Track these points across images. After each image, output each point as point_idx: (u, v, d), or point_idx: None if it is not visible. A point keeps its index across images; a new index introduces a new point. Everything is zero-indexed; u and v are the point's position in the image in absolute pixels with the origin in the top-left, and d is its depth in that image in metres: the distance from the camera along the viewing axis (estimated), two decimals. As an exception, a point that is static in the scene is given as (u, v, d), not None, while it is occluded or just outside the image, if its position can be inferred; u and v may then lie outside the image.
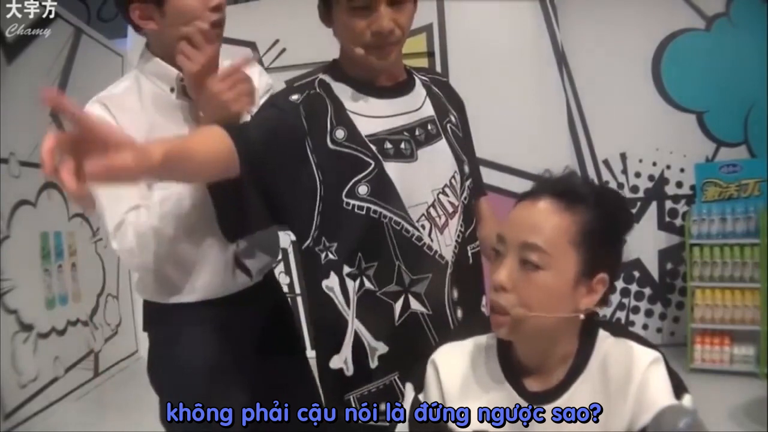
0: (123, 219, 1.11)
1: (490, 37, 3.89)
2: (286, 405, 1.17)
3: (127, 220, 1.10)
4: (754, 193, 3.64)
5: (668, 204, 4.08)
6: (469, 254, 1.18)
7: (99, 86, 1.27)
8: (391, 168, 1.08)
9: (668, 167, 4.05)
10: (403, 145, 1.10)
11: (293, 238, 1.13)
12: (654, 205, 4.09)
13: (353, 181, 1.07)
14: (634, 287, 4.15)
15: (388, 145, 1.09)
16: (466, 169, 1.20)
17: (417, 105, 1.17)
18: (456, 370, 0.92)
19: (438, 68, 4.00)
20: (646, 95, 4.04)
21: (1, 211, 3.10)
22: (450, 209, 1.14)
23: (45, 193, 3.50)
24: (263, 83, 1.29)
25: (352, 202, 1.07)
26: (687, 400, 0.84)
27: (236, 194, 1.03)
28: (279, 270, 4.31)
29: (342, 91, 1.12)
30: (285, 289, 4.34)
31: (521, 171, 3.79)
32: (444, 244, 1.12)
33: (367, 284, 1.08)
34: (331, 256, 1.08)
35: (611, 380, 0.85)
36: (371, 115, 1.11)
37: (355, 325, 1.10)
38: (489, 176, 3.84)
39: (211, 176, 0.99)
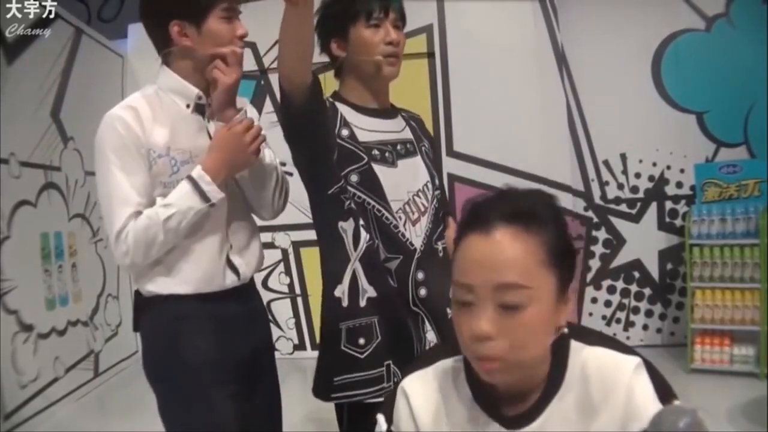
0: (125, 224, 1.25)
1: (490, 37, 3.90)
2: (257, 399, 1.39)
3: (128, 226, 1.25)
4: (753, 193, 3.64)
5: (668, 204, 4.08)
6: (439, 248, 1.45)
7: (99, 86, 1.32)
8: (377, 169, 1.37)
9: (668, 168, 4.05)
10: (387, 154, 1.40)
11: (293, 238, 1.29)
12: (654, 206, 4.09)
13: (348, 169, 1.34)
14: (634, 288, 4.15)
15: (376, 152, 1.38)
16: (437, 182, 1.48)
17: (399, 128, 1.47)
18: (428, 398, 0.88)
19: (438, 68, 4.01)
20: (646, 95, 4.04)
21: (1, 211, 3.10)
22: (422, 209, 1.42)
23: (45, 194, 3.50)
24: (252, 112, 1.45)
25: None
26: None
27: None
28: (279, 270, 4.32)
29: (344, 109, 1.40)
30: (285, 289, 4.36)
31: (521, 171, 3.79)
32: (415, 234, 1.40)
33: None
34: (353, 205, 1.35)
35: (594, 392, 0.82)
36: (365, 128, 1.39)
37: (354, 265, 1.35)
38: (489, 177, 3.86)
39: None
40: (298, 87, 1.25)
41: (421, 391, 0.89)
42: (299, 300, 4.38)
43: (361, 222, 1.35)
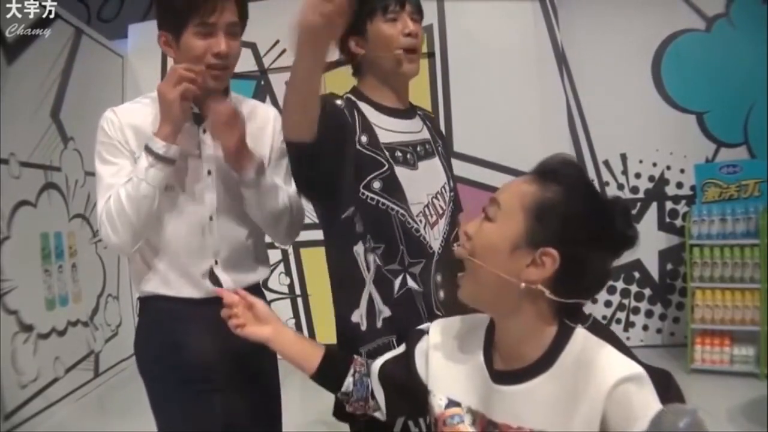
0: (102, 209, 1.30)
1: (490, 37, 3.90)
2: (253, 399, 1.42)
3: (103, 209, 1.30)
4: (754, 193, 3.64)
5: (668, 205, 4.08)
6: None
7: (99, 86, 1.32)
8: (399, 172, 1.34)
9: (668, 168, 4.05)
10: (408, 156, 1.38)
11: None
12: (654, 206, 4.09)
13: (370, 177, 1.31)
14: (634, 288, 4.15)
15: (398, 154, 1.36)
16: (452, 183, 1.47)
17: (418, 128, 1.45)
18: (445, 336, 1.03)
19: (438, 68, 4.01)
20: (646, 95, 4.04)
21: (1, 212, 3.10)
22: (440, 211, 1.41)
23: (45, 194, 3.51)
24: (279, 125, 1.44)
25: (367, 193, 1.31)
26: None
27: None
28: (279, 271, 4.32)
29: (365, 108, 1.37)
30: (285, 289, 4.36)
31: (521, 172, 3.77)
32: (433, 237, 1.38)
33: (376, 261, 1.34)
34: (361, 228, 1.33)
35: (578, 382, 0.83)
36: (387, 129, 1.37)
37: (370, 287, 1.33)
38: (488, 177, 3.85)
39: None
40: (303, 139, 1.21)
41: (442, 330, 1.04)
42: (299, 300, 4.38)
43: (371, 243, 1.33)
